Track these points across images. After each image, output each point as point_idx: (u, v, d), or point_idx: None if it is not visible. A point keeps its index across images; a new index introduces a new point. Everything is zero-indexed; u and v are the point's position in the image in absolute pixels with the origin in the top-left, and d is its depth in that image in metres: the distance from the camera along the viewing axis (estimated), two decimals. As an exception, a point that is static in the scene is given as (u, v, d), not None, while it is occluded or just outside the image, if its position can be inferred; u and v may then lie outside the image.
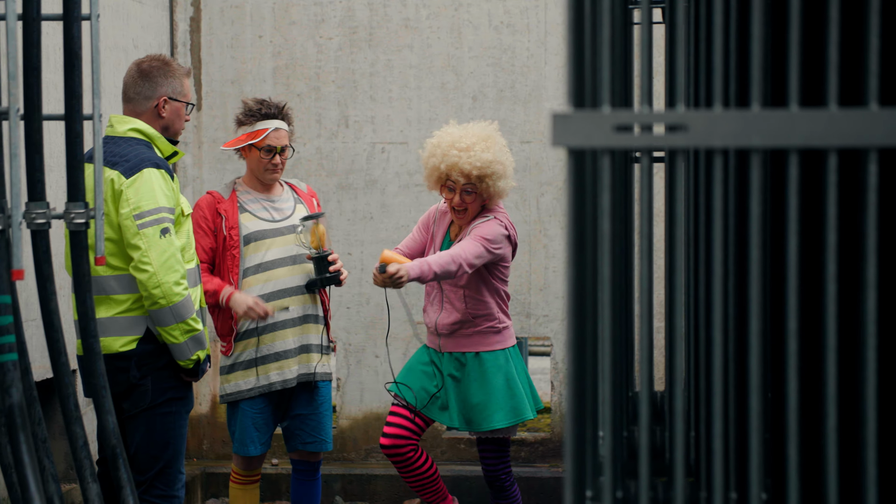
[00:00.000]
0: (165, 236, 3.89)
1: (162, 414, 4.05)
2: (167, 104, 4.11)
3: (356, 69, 6.35)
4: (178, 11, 6.40)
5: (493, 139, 4.67)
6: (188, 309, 3.96)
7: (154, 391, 4.03)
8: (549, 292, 6.30)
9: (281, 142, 4.85)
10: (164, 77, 4.12)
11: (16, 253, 2.89)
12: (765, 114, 1.72)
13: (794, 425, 1.73)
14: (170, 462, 4.06)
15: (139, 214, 3.89)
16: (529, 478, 6.20)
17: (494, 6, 6.28)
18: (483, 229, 4.66)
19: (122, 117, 4.11)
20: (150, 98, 4.10)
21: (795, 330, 1.73)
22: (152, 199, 3.91)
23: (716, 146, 1.73)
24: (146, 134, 4.07)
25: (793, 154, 1.73)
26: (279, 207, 4.91)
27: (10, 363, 2.91)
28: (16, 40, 2.94)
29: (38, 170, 3.20)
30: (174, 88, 4.14)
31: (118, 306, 3.99)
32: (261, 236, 4.82)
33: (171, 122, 4.15)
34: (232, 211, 4.82)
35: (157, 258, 3.88)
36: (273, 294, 4.80)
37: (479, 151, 4.61)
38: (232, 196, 4.88)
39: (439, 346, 4.83)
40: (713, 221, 1.77)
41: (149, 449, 4.04)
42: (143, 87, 4.10)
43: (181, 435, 4.11)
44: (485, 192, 4.66)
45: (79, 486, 5.36)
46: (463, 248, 4.59)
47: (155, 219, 3.90)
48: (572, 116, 1.73)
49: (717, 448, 1.79)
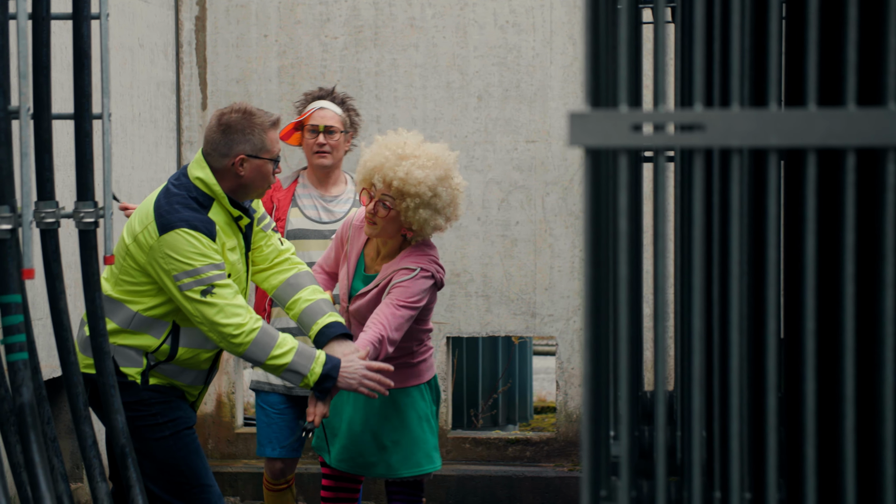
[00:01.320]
0: (208, 296, 3.65)
1: (158, 439, 3.82)
2: (245, 163, 3.75)
3: (361, 68, 6.35)
4: (183, 10, 6.40)
5: (442, 165, 3.96)
6: (262, 349, 3.70)
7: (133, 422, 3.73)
8: (555, 292, 6.29)
9: (325, 121, 4.65)
10: (242, 133, 3.75)
11: (27, 252, 2.89)
12: (783, 113, 1.72)
13: (812, 425, 1.73)
14: (193, 481, 3.87)
15: (177, 277, 3.66)
16: (534, 477, 6.21)
17: (500, 5, 6.28)
18: (401, 293, 3.96)
19: (202, 162, 3.79)
20: (226, 156, 3.75)
21: (813, 330, 1.73)
22: (186, 262, 3.64)
23: (733, 146, 1.73)
24: (211, 189, 3.77)
25: (811, 154, 1.73)
26: (332, 209, 4.71)
27: (20, 362, 2.91)
28: (27, 39, 2.93)
29: (47, 169, 3.20)
30: (254, 145, 3.76)
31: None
32: (301, 235, 4.64)
33: (251, 180, 3.78)
34: (285, 202, 4.68)
35: (206, 321, 3.67)
36: None
37: (414, 167, 3.92)
38: (291, 186, 4.72)
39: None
40: (731, 221, 1.77)
41: (165, 475, 3.84)
42: (220, 144, 3.76)
43: (192, 452, 3.88)
44: (403, 216, 3.96)
45: (87, 485, 5.37)
46: (385, 324, 3.92)
47: (193, 280, 3.65)
48: (590, 116, 1.73)
49: (734, 448, 1.79)
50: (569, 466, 6.32)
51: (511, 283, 6.28)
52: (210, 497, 3.93)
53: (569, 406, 6.34)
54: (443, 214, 3.99)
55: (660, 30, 1.72)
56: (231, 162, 3.74)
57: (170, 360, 3.82)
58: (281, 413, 4.72)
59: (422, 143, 4.03)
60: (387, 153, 3.97)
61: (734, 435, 1.77)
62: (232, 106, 3.83)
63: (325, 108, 4.70)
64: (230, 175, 3.76)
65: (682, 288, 2.40)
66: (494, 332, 6.36)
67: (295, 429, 4.73)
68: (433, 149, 4.01)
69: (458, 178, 4.05)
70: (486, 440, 6.35)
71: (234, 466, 6.34)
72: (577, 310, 6.29)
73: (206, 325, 3.67)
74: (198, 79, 6.41)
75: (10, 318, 2.91)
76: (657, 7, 1.73)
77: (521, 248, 6.31)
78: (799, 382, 1.79)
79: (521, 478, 6.21)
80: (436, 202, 3.95)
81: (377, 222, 3.99)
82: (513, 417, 7.32)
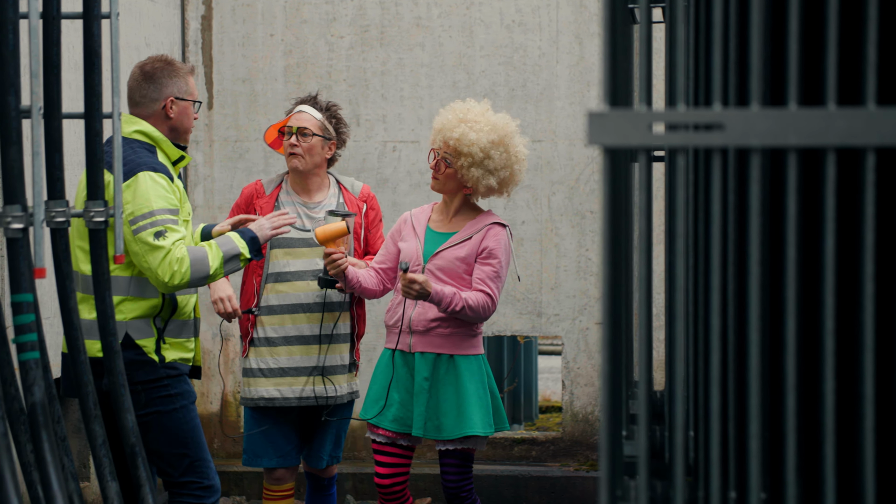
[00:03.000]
0: (160, 238, 3.86)
1: (168, 412, 4.00)
2: (174, 104, 4.06)
3: (367, 68, 6.35)
4: (189, 10, 6.40)
5: (499, 131, 4.37)
6: (200, 274, 3.92)
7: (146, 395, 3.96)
8: (561, 291, 6.29)
9: (300, 122, 4.61)
10: (169, 77, 4.06)
11: (38, 251, 2.89)
12: (802, 112, 1.72)
13: (831, 425, 1.73)
14: (196, 454, 4.03)
15: (133, 220, 3.86)
16: (540, 477, 6.20)
17: (506, 5, 6.28)
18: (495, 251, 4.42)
19: (130, 118, 4.05)
20: (157, 100, 4.05)
21: (832, 329, 1.73)
22: (146, 204, 3.86)
23: (753, 145, 1.73)
24: (151, 137, 4.02)
25: (830, 153, 1.73)
26: (314, 216, 4.66)
27: (31, 361, 2.90)
28: (38, 38, 2.93)
29: (57, 168, 3.19)
30: (180, 88, 4.08)
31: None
32: (286, 244, 4.62)
33: (179, 122, 4.09)
34: (268, 210, 4.61)
35: (154, 260, 3.86)
36: (291, 307, 4.61)
37: (470, 130, 4.35)
38: (274, 192, 4.69)
39: (409, 346, 4.44)
40: (750, 221, 1.76)
41: (171, 448, 4.01)
42: (149, 90, 4.05)
43: (196, 426, 4.06)
44: (460, 174, 4.39)
45: (93, 483, 5.37)
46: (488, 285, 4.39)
47: (148, 222, 3.86)
48: (608, 115, 1.73)
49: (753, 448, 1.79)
50: (575, 466, 6.32)
51: (517, 282, 6.28)
52: (209, 471, 4.07)
53: (575, 406, 6.34)
54: (495, 176, 4.40)
55: (681, 29, 1.72)
56: (162, 105, 4.05)
57: (174, 315, 4.06)
58: (276, 423, 4.68)
59: (486, 112, 4.45)
60: (450, 116, 4.44)
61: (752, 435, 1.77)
62: (151, 58, 4.15)
63: (303, 111, 4.66)
64: (160, 119, 4.06)
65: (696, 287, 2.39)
66: (500, 331, 6.36)
67: (291, 437, 4.69)
68: (494, 117, 4.44)
69: (517, 146, 4.45)
70: (492, 439, 6.35)
71: (240, 466, 6.34)
72: (583, 309, 6.29)
73: (153, 270, 3.88)
74: (204, 78, 6.41)
75: (21, 316, 2.90)
76: (673, 6, 1.73)
77: (527, 248, 6.31)
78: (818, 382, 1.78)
79: (527, 477, 6.21)
80: (488, 163, 4.38)
81: (439, 178, 4.47)
82: (518, 417, 7.32)
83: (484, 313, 4.38)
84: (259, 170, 6.38)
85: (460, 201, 4.52)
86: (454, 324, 4.42)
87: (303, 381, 4.63)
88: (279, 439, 4.68)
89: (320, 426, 4.76)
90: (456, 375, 4.40)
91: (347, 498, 6.20)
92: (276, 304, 4.63)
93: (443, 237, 4.51)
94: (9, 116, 2.89)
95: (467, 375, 4.41)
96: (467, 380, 4.40)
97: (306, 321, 4.62)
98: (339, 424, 4.80)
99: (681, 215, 1.80)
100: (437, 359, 4.42)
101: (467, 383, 4.39)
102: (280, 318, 4.63)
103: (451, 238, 4.49)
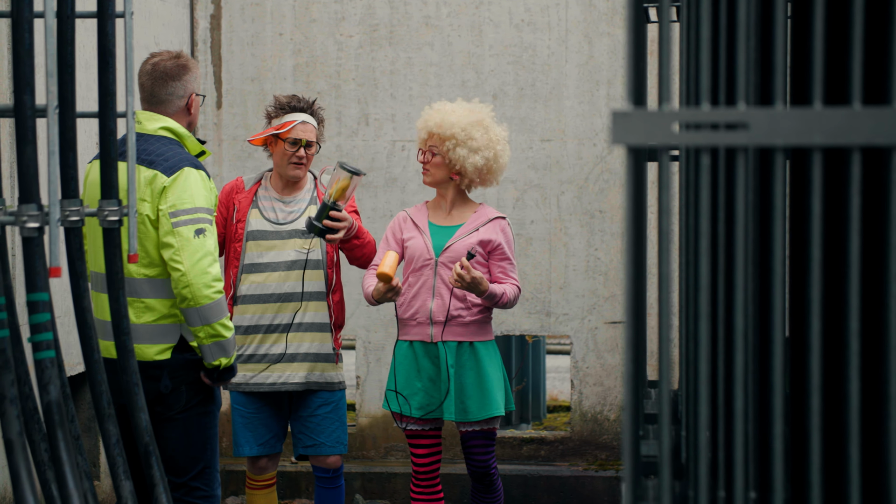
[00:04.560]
0: (200, 237, 3.83)
1: (198, 415, 4.02)
2: (194, 100, 4.09)
3: (376, 67, 6.35)
4: (198, 9, 6.40)
5: (475, 114, 4.67)
6: (216, 313, 3.88)
7: (189, 392, 3.99)
8: (570, 291, 6.29)
9: (307, 135, 4.78)
10: (189, 73, 4.09)
11: (53, 250, 2.88)
12: (827, 112, 1.71)
13: (856, 426, 1.72)
14: (209, 462, 4.04)
15: (174, 213, 3.84)
16: (549, 476, 6.20)
17: (515, 4, 6.27)
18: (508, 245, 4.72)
19: (152, 115, 4.04)
20: (182, 97, 4.07)
21: (857, 330, 1.73)
22: (190, 199, 3.86)
23: (777, 144, 1.72)
24: (177, 133, 4.02)
25: (855, 152, 1.72)
26: (288, 209, 4.82)
27: (47, 360, 2.90)
28: (54, 37, 2.93)
29: (71, 167, 3.19)
30: (198, 83, 4.14)
31: (151, 313, 3.95)
32: (260, 236, 4.77)
33: (195, 117, 4.14)
34: (245, 203, 4.80)
35: (189, 258, 3.82)
36: (262, 297, 4.75)
37: (448, 114, 4.64)
38: (253, 188, 4.85)
39: (430, 336, 4.68)
40: (773, 221, 1.76)
41: (188, 450, 4.00)
42: (175, 87, 4.05)
43: (216, 434, 4.08)
44: (447, 159, 4.65)
45: (103, 482, 5.37)
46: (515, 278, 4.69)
47: (190, 218, 3.84)
48: (632, 115, 1.72)
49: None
50: (584, 466, 6.31)
51: (526, 281, 6.27)
52: (215, 482, 4.09)
53: (583, 405, 6.33)
54: (479, 154, 4.63)
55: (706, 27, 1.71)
56: (186, 102, 4.07)
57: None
58: (257, 412, 4.81)
59: (465, 103, 4.74)
60: (429, 111, 4.73)
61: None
62: (163, 54, 4.10)
63: (306, 122, 4.80)
64: (183, 115, 4.08)
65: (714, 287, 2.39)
66: (509, 330, 6.35)
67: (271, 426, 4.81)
68: (468, 104, 4.73)
69: (495, 128, 4.71)
70: (501, 439, 6.34)
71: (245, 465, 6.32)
72: (592, 309, 6.28)
73: (185, 266, 3.81)
74: (213, 77, 6.41)
75: (37, 315, 2.90)
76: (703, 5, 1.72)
77: (536, 247, 6.30)
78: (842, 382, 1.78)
79: (536, 477, 6.20)
80: (471, 143, 4.62)
81: (430, 169, 4.70)
82: (526, 416, 7.32)
83: (516, 301, 4.71)
84: (267, 168, 6.37)
85: (454, 192, 4.75)
86: (471, 313, 4.68)
87: (278, 368, 4.76)
88: (259, 428, 4.82)
89: (312, 411, 4.83)
90: (477, 360, 4.68)
91: (357, 497, 6.20)
92: (252, 294, 4.76)
93: (449, 230, 4.75)
94: (25, 115, 2.88)
95: (487, 360, 4.69)
96: (488, 364, 4.68)
97: (278, 311, 4.75)
98: (333, 412, 4.85)
99: (704, 214, 1.79)
100: (459, 346, 4.68)
101: (488, 367, 4.68)
102: (253, 308, 4.77)
103: (459, 231, 4.72)
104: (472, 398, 4.65)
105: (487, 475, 4.77)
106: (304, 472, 6.30)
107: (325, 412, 4.83)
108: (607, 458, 6.34)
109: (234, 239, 4.78)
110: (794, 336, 1.95)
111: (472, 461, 4.76)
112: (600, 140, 6.27)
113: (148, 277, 3.94)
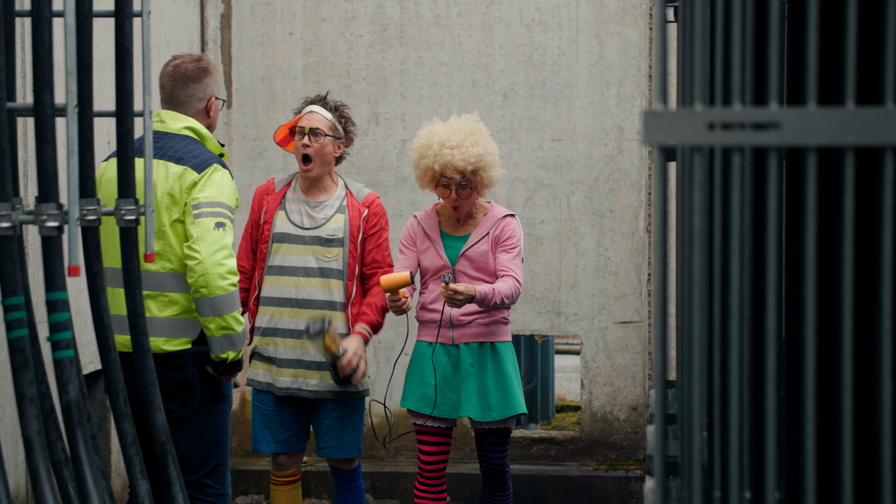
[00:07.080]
0: (220, 230, 3.88)
1: (211, 412, 4.04)
2: (214, 103, 4.15)
3: (387, 66, 6.34)
4: (208, 8, 6.40)
5: (479, 132, 4.68)
6: (229, 305, 3.92)
7: (202, 390, 4.02)
8: (580, 290, 6.28)
9: (311, 123, 4.70)
10: (210, 76, 4.15)
11: (73, 249, 2.88)
12: (860, 111, 1.71)
13: (889, 427, 1.72)
14: (221, 460, 4.06)
15: (197, 204, 3.90)
16: (559, 476, 6.20)
17: (526, 4, 6.27)
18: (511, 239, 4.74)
19: (176, 114, 4.10)
20: (202, 99, 4.13)
21: (890, 330, 1.72)
22: (216, 194, 3.92)
23: (809, 144, 1.72)
24: (199, 134, 4.08)
25: (888, 152, 1.72)
26: (314, 215, 4.77)
27: (66, 359, 2.90)
28: (74, 36, 2.93)
29: (89, 166, 3.18)
30: (218, 87, 4.20)
31: (174, 307, 3.99)
32: (284, 239, 4.75)
33: (214, 120, 4.19)
34: (274, 205, 4.78)
35: (207, 248, 3.86)
36: (281, 301, 4.74)
37: (470, 146, 4.62)
38: (282, 191, 4.82)
39: (451, 339, 4.75)
40: (806, 221, 1.75)
41: (201, 448, 4.02)
42: (195, 90, 4.11)
43: (228, 432, 4.12)
44: (479, 185, 4.70)
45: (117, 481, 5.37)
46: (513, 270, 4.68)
47: (212, 211, 3.89)
48: (664, 114, 1.72)
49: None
50: (594, 466, 6.31)
51: (536, 281, 6.27)
52: (225, 479, 4.11)
53: (594, 405, 6.33)
54: (499, 161, 4.71)
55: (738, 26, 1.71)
56: (205, 105, 4.13)
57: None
58: (275, 409, 4.80)
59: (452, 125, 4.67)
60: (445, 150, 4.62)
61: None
62: (185, 57, 4.15)
63: (314, 111, 4.76)
64: (202, 117, 4.13)
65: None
66: (519, 330, 6.35)
67: (290, 424, 4.82)
68: (463, 124, 4.67)
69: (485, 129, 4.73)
70: (511, 439, 6.34)
71: (258, 464, 6.34)
72: (602, 309, 6.28)
73: (202, 255, 3.85)
74: (223, 76, 6.41)
75: (56, 315, 2.90)
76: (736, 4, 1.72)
77: (546, 247, 6.30)
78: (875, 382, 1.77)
79: (546, 476, 6.20)
80: (495, 158, 4.69)
81: (460, 205, 4.71)
82: (535, 416, 7.32)
83: (515, 296, 4.68)
84: (277, 168, 6.38)
85: (470, 205, 4.79)
86: (489, 315, 4.75)
87: (290, 373, 4.75)
88: (278, 426, 4.81)
89: (327, 414, 4.82)
90: (497, 360, 4.75)
91: (366, 497, 6.20)
92: (271, 297, 4.75)
93: (461, 239, 4.79)
94: (45, 114, 2.88)
95: (507, 360, 4.77)
96: (507, 363, 4.76)
97: (294, 315, 4.73)
98: (347, 417, 4.83)
99: (735, 214, 1.79)
100: (479, 347, 4.75)
101: (507, 367, 4.76)
102: (273, 310, 4.76)
103: (471, 237, 4.77)
104: (494, 397, 4.72)
105: (502, 473, 4.83)
106: (313, 472, 6.30)
107: (339, 416, 4.82)
108: (617, 458, 6.33)
109: (262, 240, 4.77)
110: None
111: (487, 460, 4.82)
112: (611, 140, 6.26)
113: (173, 272, 3.99)
